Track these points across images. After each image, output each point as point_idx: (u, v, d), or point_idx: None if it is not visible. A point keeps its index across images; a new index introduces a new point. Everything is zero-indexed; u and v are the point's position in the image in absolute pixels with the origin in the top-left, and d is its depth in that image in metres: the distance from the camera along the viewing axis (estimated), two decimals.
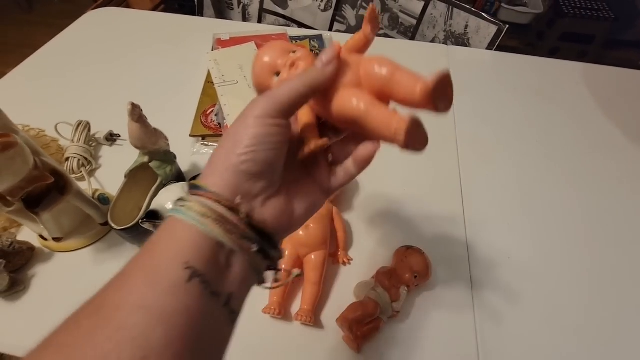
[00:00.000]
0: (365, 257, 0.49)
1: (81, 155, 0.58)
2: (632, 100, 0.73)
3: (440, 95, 0.20)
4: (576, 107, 0.71)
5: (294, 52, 0.24)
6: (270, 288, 0.23)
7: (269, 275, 0.23)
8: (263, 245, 0.21)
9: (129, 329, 0.16)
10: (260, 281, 0.22)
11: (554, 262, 0.50)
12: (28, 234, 0.49)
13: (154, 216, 0.34)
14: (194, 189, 0.21)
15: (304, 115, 0.24)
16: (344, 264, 0.48)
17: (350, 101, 0.22)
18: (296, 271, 0.27)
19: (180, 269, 0.18)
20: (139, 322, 0.16)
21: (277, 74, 0.24)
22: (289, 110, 0.21)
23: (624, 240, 0.53)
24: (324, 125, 0.25)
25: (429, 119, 0.21)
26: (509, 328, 0.44)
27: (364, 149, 0.24)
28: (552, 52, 1.98)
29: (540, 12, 2.10)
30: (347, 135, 0.25)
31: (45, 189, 0.43)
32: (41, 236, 0.49)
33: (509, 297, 0.46)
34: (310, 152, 0.23)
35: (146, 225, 0.34)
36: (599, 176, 0.60)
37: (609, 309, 0.46)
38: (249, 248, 0.20)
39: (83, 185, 0.54)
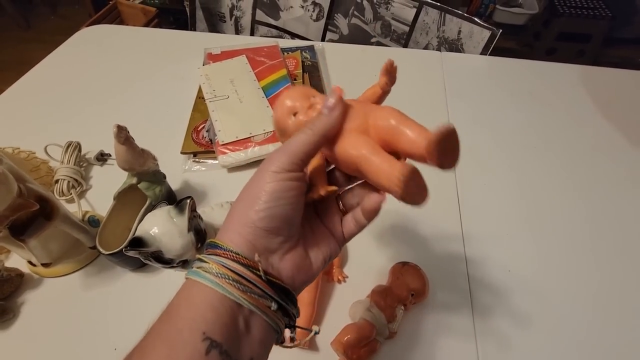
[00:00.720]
0: (361, 273, 0.47)
1: (71, 177, 0.57)
2: (631, 101, 0.72)
3: (445, 150, 0.19)
4: (574, 110, 0.70)
5: (314, 97, 0.25)
6: (288, 347, 0.23)
7: (286, 333, 0.23)
8: (282, 302, 0.21)
9: None
10: (279, 340, 0.23)
11: (555, 274, 0.48)
12: (17, 259, 0.49)
13: (138, 244, 0.33)
14: (212, 247, 0.21)
15: (314, 160, 0.25)
16: (339, 281, 0.47)
17: (353, 146, 0.22)
18: (315, 328, 0.28)
19: (199, 340, 0.18)
20: None
21: (295, 114, 0.25)
22: (304, 160, 0.22)
23: (629, 247, 0.51)
24: (335, 171, 0.26)
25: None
26: (510, 346, 0.42)
27: (369, 200, 0.24)
28: (550, 52, 1.97)
29: (535, 12, 2.09)
30: (357, 183, 0.26)
31: (31, 215, 0.42)
32: (30, 262, 0.48)
33: (510, 314, 0.45)
34: (319, 197, 0.24)
35: (130, 254, 0.33)
36: (600, 181, 0.59)
37: (612, 321, 0.44)
38: (268, 307, 0.20)
39: (73, 208, 0.53)
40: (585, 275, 0.48)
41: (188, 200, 0.35)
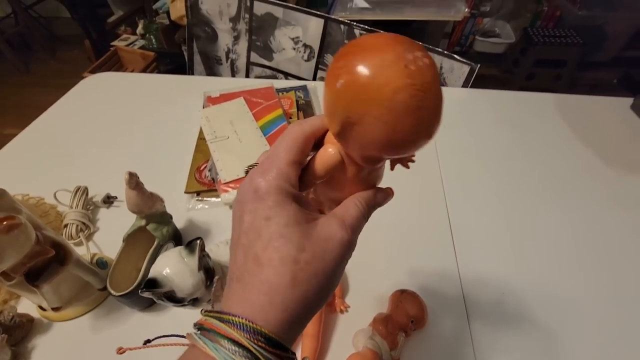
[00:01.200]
0: (362, 302, 0.49)
1: (79, 221, 0.59)
2: (602, 124, 0.77)
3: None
4: (551, 135, 0.75)
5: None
6: None
7: None
8: None
9: None
10: None
11: (547, 292, 0.51)
12: (26, 304, 0.50)
13: (153, 285, 0.35)
14: (226, 319, 0.18)
15: None
16: (341, 311, 0.48)
17: None
18: None
19: None
20: None
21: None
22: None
23: (612, 259, 0.54)
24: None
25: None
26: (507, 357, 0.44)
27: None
28: (529, 78, 2.07)
29: (512, 41, 2.23)
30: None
31: (46, 261, 0.44)
32: (40, 306, 0.50)
33: (508, 335, 0.47)
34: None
35: (145, 294, 0.35)
36: (580, 200, 0.63)
37: (606, 330, 0.46)
38: None
39: (81, 250, 0.55)
40: (575, 288, 0.51)
41: (198, 241, 0.38)
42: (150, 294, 0.35)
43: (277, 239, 0.19)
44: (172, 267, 0.37)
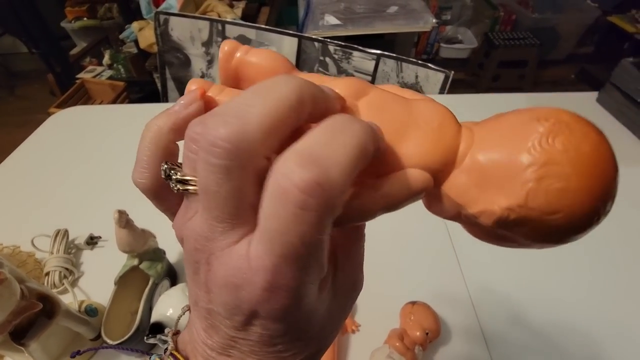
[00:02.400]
0: (373, 320, 0.48)
1: (62, 267, 0.55)
2: None
3: None
4: None
5: None
6: None
7: None
8: None
9: None
10: None
11: (552, 290, 0.52)
12: None
13: (158, 329, 0.33)
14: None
15: None
16: (353, 332, 0.47)
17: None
18: None
19: None
20: None
21: None
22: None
23: (604, 259, 0.56)
24: None
25: None
26: None
27: None
28: (495, 79, 2.18)
29: (475, 46, 2.34)
30: None
31: (33, 316, 0.41)
32: None
33: (519, 332, 0.47)
34: None
35: (152, 341, 0.33)
36: None
37: (608, 327, 0.47)
38: None
39: (67, 299, 0.51)
40: (578, 288, 0.52)
41: None
42: (157, 339, 0.33)
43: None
44: (176, 306, 0.35)
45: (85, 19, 2.01)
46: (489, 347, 0.45)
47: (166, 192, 0.16)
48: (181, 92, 1.22)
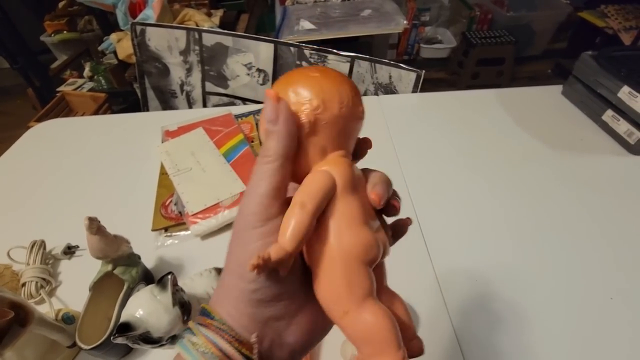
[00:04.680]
0: None
1: (38, 277, 0.56)
2: (539, 112, 0.84)
3: None
4: (496, 127, 0.81)
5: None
6: None
7: None
8: None
9: None
10: None
11: (513, 270, 0.54)
12: None
13: (126, 329, 0.34)
14: (205, 315, 0.19)
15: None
16: None
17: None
18: None
19: None
20: None
21: None
22: (277, 197, 0.19)
23: (567, 231, 0.59)
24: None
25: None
26: (493, 344, 0.45)
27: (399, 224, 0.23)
28: (474, 77, 2.22)
29: (454, 45, 2.39)
30: None
31: (5, 325, 0.41)
32: None
33: (485, 317, 0.49)
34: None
35: (119, 340, 0.33)
36: (529, 181, 0.68)
37: (573, 310, 0.50)
38: None
39: (44, 308, 0.52)
40: (535, 264, 0.54)
41: (169, 276, 0.37)
42: (124, 339, 0.34)
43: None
44: (145, 307, 0.36)
45: (65, 32, 2.01)
46: (457, 333, 0.47)
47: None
48: (161, 101, 1.23)
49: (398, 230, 0.24)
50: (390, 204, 0.22)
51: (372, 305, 0.18)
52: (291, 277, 0.19)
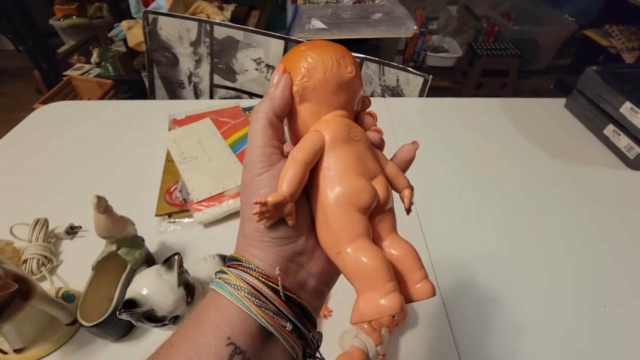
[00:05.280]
0: (344, 306, 0.50)
1: (40, 255, 0.56)
2: (542, 123, 0.86)
3: None
4: (499, 135, 0.82)
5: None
6: None
7: None
8: (298, 323, 0.20)
9: None
10: None
11: (508, 270, 0.55)
12: None
13: (131, 305, 0.34)
14: (233, 260, 0.21)
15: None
16: (325, 317, 0.49)
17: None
18: None
19: (223, 345, 0.18)
20: None
21: None
22: (277, 140, 0.21)
23: (563, 235, 0.60)
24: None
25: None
26: (488, 343, 0.46)
27: (404, 150, 0.25)
28: (478, 87, 2.24)
29: (460, 55, 2.41)
30: None
31: (8, 297, 0.41)
32: (0, 350, 0.46)
33: (482, 316, 0.49)
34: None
35: (124, 316, 0.34)
36: (529, 189, 0.69)
37: (565, 309, 0.50)
38: (283, 327, 0.19)
39: (45, 286, 0.52)
40: (532, 265, 0.56)
41: (176, 257, 0.38)
42: (129, 315, 0.34)
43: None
44: (151, 285, 0.36)
45: (74, 17, 2.01)
46: (453, 329, 0.48)
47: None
48: (169, 90, 1.23)
49: (402, 157, 0.26)
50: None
51: (362, 244, 0.20)
52: (303, 219, 0.21)
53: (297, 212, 0.20)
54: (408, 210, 0.25)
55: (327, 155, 0.21)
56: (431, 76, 0.93)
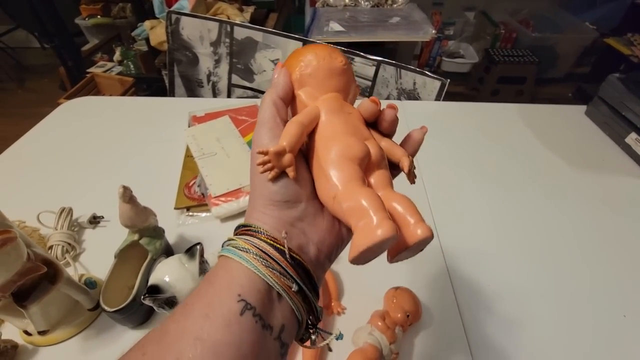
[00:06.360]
0: (358, 303, 0.50)
1: (65, 242, 0.58)
2: (562, 130, 0.85)
3: None
4: (517, 140, 0.81)
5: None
6: (306, 347, 0.24)
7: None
8: (302, 285, 0.21)
9: None
10: (300, 335, 0.23)
11: (524, 277, 0.55)
12: (10, 330, 0.48)
13: (155, 291, 0.35)
14: (241, 227, 0.23)
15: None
16: (339, 313, 0.49)
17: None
18: (337, 331, 0.26)
19: (234, 302, 0.19)
20: (195, 354, 0.17)
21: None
22: (279, 122, 0.23)
23: (582, 243, 0.60)
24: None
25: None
26: (503, 351, 0.46)
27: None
28: (494, 94, 2.22)
29: (476, 61, 2.40)
30: None
31: (36, 280, 0.43)
32: (25, 331, 0.47)
33: (497, 320, 0.49)
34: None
35: (147, 302, 0.35)
36: (548, 196, 0.68)
37: (585, 317, 0.50)
38: (289, 287, 0.21)
39: (69, 271, 0.54)
40: (550, 272, 0.55)
41: (198, 246, 0.39)
42: (152, 300, 0.35)
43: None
44: (173, 273, 0.37)
45: (99, 16, 2.07)
46: (467, 333, 0.48)
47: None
48: (188, 89, 1.26)
49: (411, 140, 0.28)
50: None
51: (355, 184, 0.21)
52: (304, 182, 0.23)
53: (297, 173, 0.22)
54: (409, 174, 0.26)
55: (322, 122, 0.24)
56: (448, 80, 0.93)
